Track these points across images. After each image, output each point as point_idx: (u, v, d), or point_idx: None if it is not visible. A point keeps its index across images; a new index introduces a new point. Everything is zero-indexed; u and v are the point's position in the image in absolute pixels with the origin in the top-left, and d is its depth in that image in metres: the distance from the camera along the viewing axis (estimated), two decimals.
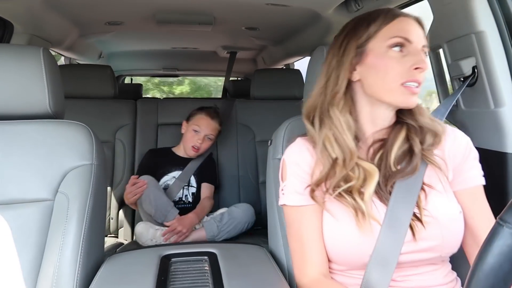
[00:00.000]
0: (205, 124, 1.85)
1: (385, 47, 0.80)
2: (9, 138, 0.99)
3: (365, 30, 0.82)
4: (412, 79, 0.78)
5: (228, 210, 1.76)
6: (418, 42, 0.80)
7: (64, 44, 2.29)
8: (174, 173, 1.86)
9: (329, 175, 0.81)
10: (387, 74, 0.79)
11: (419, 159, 0.82)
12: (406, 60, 0.79)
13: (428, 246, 0.79)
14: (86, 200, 0.95)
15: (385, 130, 0.87)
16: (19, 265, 0.90)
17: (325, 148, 0.82)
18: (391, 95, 0.80)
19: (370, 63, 0.82)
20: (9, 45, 1.64)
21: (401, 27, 0.80)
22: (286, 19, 2.05)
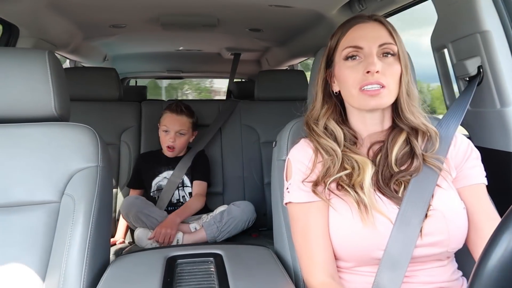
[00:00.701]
0: (171, 122, 1.83)
1: (342, 60, 0.86)
2: (16, 140, 0.99)
3: (329, 45, 0.91)
4: (366, 83, 0.82)
5: (228, 209, 1.74)
6: (370, 46, 0.83)
7: (69, 47, 2.30)
8: (164, 173, 1.86)
9: (327, 173, 0.85)
10: (347, 83, 0.85)
11: (421, 160, 0.85)
12: (361, 66, 0.83)
13: (434, 240, 0.80)
14: (92, 202, 0.96)
15: (383, 133, 0.90)
16: (27, 267, 0.90)
17: (319, 151, 0.88)
18: (355, 101, 0.86)
19: (336, 76, 0.89)
20: (15, 48, 1.65)
21: (353, 36, 0.85)
22: (290, 20, 2.05)
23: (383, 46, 0.84)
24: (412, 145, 0.87)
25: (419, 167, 0.84)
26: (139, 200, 1.69)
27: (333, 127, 0.90)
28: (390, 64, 0.84)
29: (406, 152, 0.87)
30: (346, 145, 0.88)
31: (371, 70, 0.81)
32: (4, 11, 1.59)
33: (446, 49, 1.23)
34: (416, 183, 0.83)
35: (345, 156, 0.86)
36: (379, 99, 0.82)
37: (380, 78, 0.81)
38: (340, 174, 0.84)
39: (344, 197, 0.83)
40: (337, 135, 0.88)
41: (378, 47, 0.83)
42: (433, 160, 0.84)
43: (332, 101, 0.92)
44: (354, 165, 0.84)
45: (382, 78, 0.81)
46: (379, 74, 0.81)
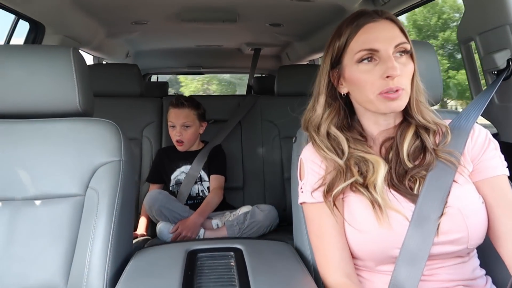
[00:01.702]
0: (174, 116, 1.84)
1: (354, 63, 0.81)
2: (42, 135, 1.02)
3: (336, 46, 0.85)
4: (387, 88, 0.78)
5: (251, 212, 1.73)
6: (386, 48, 0.79)
7: (93, 44, 2.35)
8: (182, 168, 1.88)
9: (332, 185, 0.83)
10: (362, 87, 0.81)
11: (434, 155, 0.82)
12: (378, 70, 0.79)
13: (453, 238, 0.78)
14: (115, 196, 0.97)
15: (393, 129, 0.88)
16: (53, 257, 0.93)
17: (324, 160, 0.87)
18: (372, 105, 0.82)
19: (347, 78, 0.84)
20: (41, 46, 1.70)
21: (366, 38, 0.80)
22: (311, 15, 2.03)
23: (398, 46, 0.79)
24: (422, 139, 0.84)
25: (432, 162, 0.82)
26: (162, 195, 1.71)
27: (335, 134, 0.87)
28: (405, 64, 0.81)
29: (417, 146, 0.85)
30: (356, 146, 0.85)
31: (392, 75, 0.77)
32: (31, 9, 1.63)
33: (473, 41, 1.19)
34: (433, 179, 0.80)
35: (356, 156, 0.84)
36: (399, 102, 0.79)
37: (399, 82, 0.78)
38: (345, 184, 0.82)
39: (359, 197, 0.82)
40: (340, 141, 0.86)
41: (394, 47, 0.79)
42: (445, 154, 0.82)
43: (336, 104, 0.88)
44: (368, 165, 0.82)
45: (401, 80, 0.79)
46: (398, 77, 0.78)
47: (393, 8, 1.64)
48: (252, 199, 1.98)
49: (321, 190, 0.85)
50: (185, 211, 1.71)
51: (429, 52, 1.07)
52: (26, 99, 1.02)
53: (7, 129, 1.02)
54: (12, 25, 1.75)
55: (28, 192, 0.98)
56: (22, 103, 1.02)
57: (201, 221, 1.70)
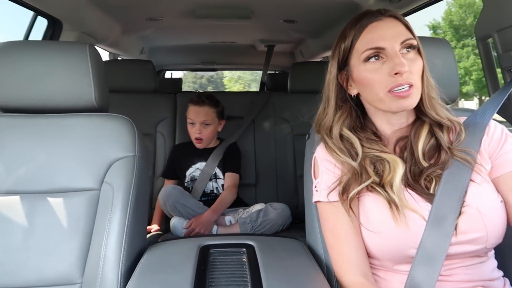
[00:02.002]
0: (194, 114, 1.84)
1: (361, 62, 0.81)
2: (59, 130, 1.04)
3: (342, 48, 0.85)
4: (396, 85, 0.78)
5: (264, 210, 1.73)
6: (392, 45, 0.78)
7: (109, 41, 2.38)
8: (197, 164, 1.89)
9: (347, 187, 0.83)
10: (372, 87, 0.81)
11: (449, 153, 0.81)
12: (385, 68, 0.79)
13: (471, 238, 0.77)
14: (130, 190, 0.99)
15: (406, 128, 0.87)
16: (69, 250, 0.95)
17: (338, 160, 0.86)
18: (383, 104, 0.81)
19: (356, 79, 0.84)
20: (58, 42, 1.73)
21: (371, 37, 0.80)
22: (325, 11, 2.01)
23: (404, 42, 0.79)
24: (437, 137, 0.83)
25: (447, 160, 0.81)
26: (176, 190, 1.73)
27: (347, 135, 0.86)
28: (413, 60, 0.80)
29: (432, 145, 0.84)
30: (369, 147, 0.85)
31: (400, 71, 0.76)
32: (49, 6, 1.66)
33: (492, 38, 1.16)
34: (449, 177, 0.79)
35: (373, 156, 0.83)
36: (410, 100, 0.79)
37: (409, 78, 0.78)
38: (361, 186, 0.81)
39: (375, 196, 0.82)
40: (353, 142, 0.85)
41: (400, 44, 0.79)
42: (461, 153, 0.80)
43: (347, 105, 0.88)
44: (385, 165, 0.82)
45: (410, 76, 0.78)
46: (407, 73, 0.77)
47: (407, 6, 1.61)
48: (265, 196, 1.98)
49: (336, 191, 0.84)
50: (199, 207, 1.72)
51: (446, 49, 1.05)
52: (43, 94, 1.04)
53: (24, 124, 1.04)
54: (31, 21, 1.78)
55: (45, 185, 1.00)
56: (39, 98, 1.04)
57: (215, 218, 1.71)
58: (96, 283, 0.91)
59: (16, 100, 1.04)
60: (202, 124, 1.84)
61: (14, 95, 1.04)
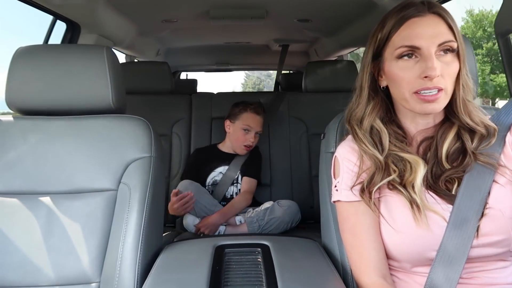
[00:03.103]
0: (254, 122, 1.83)
1: (394, 57, 0.79)
2: (77, 132, 1.06)
3: (378, 37, 0.82)
4: (423, 88, 0.75)
5: (271, 208, 1.72)
6: (428, 46, 0.75)
7: (125, 43, 2.41)
8: (220, 168, 1.88)
9: (371, 182, 0.82)
10: (399, 84, 0.79)
11: (473, 158, 0.79)
12: (417, 68, 0.76)
13: (494, 240, 0.75)
14: (146, 191, 1.00)
15: (433, 128, 0.85)
16: (88, 250, 0.97)
17: (364, 155, 0.85)
18: (407, 103, 0.80)
19: (386, 72, 0.82)
20: (76, 45, 1.77)
21: (408, 34, 0.76)
22: (340, 9, 1.99)
23: (442, 45, 0.75)
24: (463, 140, 0.80)
25: (470, 164, 0.78)
26: (193, 185, 1.73)
27: (379, 128, 0.84)
28: (449, 64, 0.76)
29: (457, 148, 0.81)
30: (395, 144, 0.83)
31: (430, 75, 0.73)
32: (68, 10, 1.70)
33: None
34: (470, 179, 0.77)
35: (395, 156, 0.82)
36: (436, 105, 0.76)
37: (439, 82, 0.74)
38: (383, 181, 0.80)
39: (396, 196, 0.80)
40: (382, 136, 0.83)
41: (437, 46, 0.75)
42: (485, 158, 0.78)
43: (378, 97, 0.86)
44: (406, 165, 0.80)
45: (441, 81, 0.75)
46: (438, 78, 0.74)
47: None
48: (279, 196, 1.97)
49: (357, 188, 0.83)
50: (213, 205, 1.72)
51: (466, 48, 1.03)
52: (62, 97, 1.06)
53: (43, 126, 1.07)
54: (50, 25, 1.83)
55: (64, 186, 1.02)
56: (58, 100, 1.07)
57: (222, 221, 1.71)
58: (114, 282, 0.93)
59: (36, 102, 1.07)
60: (257, 133, 1.85)
61: (34, 98, 1.06)
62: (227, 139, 1.93)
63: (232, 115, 1.88)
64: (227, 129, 1.90)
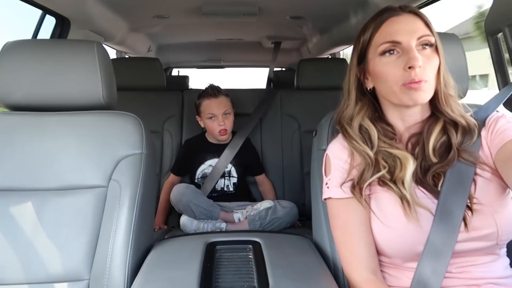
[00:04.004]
0: (214, 106, 1.82)
1: (377, 56, 0.83)
2: (67, 128, 1.05)
3: (361, 40, 0.87)
4: (410, 79, 0.78)
5: (273, 208, 1.72)
6: (408, 40, 0.79)
7: (116, 39, 2.39)
8: (210, 161, 1.88)
9: (362, 178, 0.84)
10: (386, 80, 0.82)
11: (456, 153, 0.81)
12: (400, 61, 0.80)
13: (482, 234, 0.77)
14: (137, 188, 0.99)
15: (420, 124, 0.87)
16: (78, 247, 0.96)
17: (354, 152, 0.87)
18: (396, 97, 0.82)
19: (371, 72, 0.86)
20: (66, 40, 1.74)
21: (388, 31, 0.81)
22: (332, 7, 2.00)
23: (421, 38, 0.80)
24: (449, 134, 0.83)
25: (454, 159, 0.81)
26: (189, 190, 1.72)
27: (367, 126, 0.87)
28: (429, 57, 0.80)
29: (443, 142, 0.84)
30: (384, 141, 0.85)
31: (413, 65, 0.77)
32: (57, 4, 1.67)
33: (502, 33, 1.15)
34: (453, 173, 0.80)
35: (384, 152, 0.84)
36: (421, 93, 0.79)
37: (421, 74, 0.78)
38: (373, 177, 0.82)
39: (387, 193, 0.82)
40: (371, 133, 0.86)
41: (417, 40, 0.80)
42: (466, 155, 0.80)
43: (366, 98, 0.90)
44: (396, 161, 0.82)
45: (423, 73, 0.78)
46: (420, 68, 0.78)
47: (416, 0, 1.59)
48: None
49: (348, 185, 0.85)
50: (211, 206, 1.71)
51: (455, 45, 1.04)
52: (51, 93, 1.05)
53: (33, 122, 1.05)
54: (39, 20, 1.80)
55: (54, 183, 1.01)
56: (47, 96, 1.05)
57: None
58: (104, 279, 0.92)
59: (24, 98, 1.05)
60: (223, 114, 1.83)
61: (23, 94, 1.05)
62: (208, 134, 1.94)
63: (197, 110, 1.90)
64: (200, 124, 1.92)
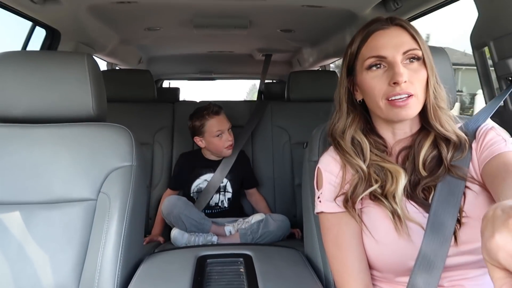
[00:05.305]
0: (220, 123, 1.83)
1: (364, 69, 0.83)
2: (56, 140, 1.04)
3: (349, 53, 0.87)
4: (394, 94, 0.78)
5: (264, 222, 1.71)
6: (393, 55, 0.79)
7: (107, 50, 2.39)
8: (205, 176, 1.87)
9: (354, 192, 0.83)
10: (371, 93, 0.82)
11: (446, 168, 0.81)
12: (385, 76, 0.80)
13: (473, 247, 0.77)
14: (127, 200, 0.98)
15: (410, 138, 0.87)
16: (65, 260, 0.94)
17: (347, 165, 0.86)
18: (381, 111, 0.82)
19: (359, 84, 0.86)
20: (56, 52, 1.73)
21: (374, 45, 0.82)
22: (322, 20, 2.03)
23: (407, 53, 0.80)
24: (439, 149, 0.83)
25: (444, 174, 0.80)
26: (181, 201, 1.70)
27: (360, 139, 0.87)
28: (416, 71, 0.80)
29: (434, 156, 0.83)
30: (376, 153, 0.85)
31: (398, 81, 0.77)
32: (48, 16, 1.67)
33: (487, 47, 1.17)
34: (444, 186, 0.79)
35: (376, 166, 0.83)
36: (408, 110, 0.79)
37: (408, 88, 0.78)
38: (366, 192, 0.82)
39: (378, 207, 0.81)
40: (363, 146, 0.86)
41: (402, 54, 0.79)
42: (456, 170, 0.80)
43: (357, 110, 0.90)
44: (387, 175, 0.82)
45: (410, 87, 0.78)
46: (406, 83, 0.78)
47: (405, 14, 1.63)
48: None
49: (340, 199, 0.84)
50: (203, 219, 1.70)
51: (443, 58, 1.06)
52: (41, 104, 1.04)
53: (22, 134, 1.04)
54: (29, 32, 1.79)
55: (42, 196, 0.99)
56: (37, 108, 1.04)
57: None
58: None
59: (14, 110, 1.04)
60: (228, 130, 1.85)
61: (12, 105, 1.04)
62: (206, 151, 1.91)
63: (198, 131, 1.85)
64: (200, 145, 1.88)
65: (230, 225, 1.76)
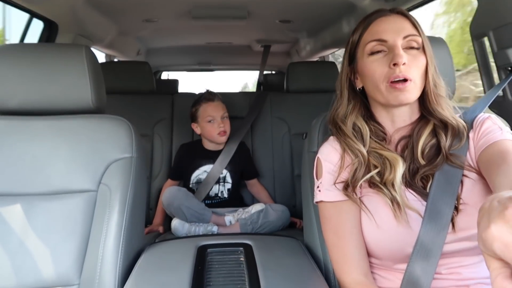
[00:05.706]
0: (213, 109, 1.84)
1: (366, 55, 0.85)
2: (56, 132, 1.04)
3: (351, 41, 0.89)
4: (394, 76, 0.80)
5: (264, 212, 1.73)
6: (394, 38, 0.81)
7: (105, 42, 2.38)
8: (205, 167, 1.88)
9: (354, 176, 0.84)
10: (372, 76, 0.84)
11: (444, 157, 0.82)
12: (386, 59, 0.82)
13: (471, 234, 0.78)
14: (127, 191, 0.99)
15: (409, 127, 0.88)
16: (67, 252, 0.95)
17: (347, 152, 0.87)
18: (382, 96, 0.83)
19: (360, 71, 0.88)
20: (54, 44, 1.73)
21: (376, 30, 0.84)
22: (321, 11, 2.02)
23: (407, 38, 0.82)
24: (438, 137, 0.84)
25: (442, 162, 0.81)
26: (181, 192, 1.71)
27: (360, 125, 0.88)
28: (415, 57, 0.82)
29: (433, 145, 0.85)
30: (375, 140, 0.86)
31: (398, 62, 0.79)
32: (45, 8, 1.66)
33: (487, 37, 1.17)
34: (441, 174, 0.80)
35: (375, 153, 0.84)
36: (407, 93, 0.80)
37: (406, 72, 0.79)
38: (366, 176, 0.83)
39: (377, 195, 0.82)
40: (363, 132, 0.87)
41: (403, 39, 0.81)
42: (454, 159, 0.81)
43: (357, 98, 0.91)
44: (386, 163, 0.83)
45: (408, 71, 0.80)
46: (405, 66, 0.79)
47: (404, 4, 1.62)
48: None
49: (340, 187, 0.85)
50: (203, 209, 1.71)
51: (442, 48, 1.06)
52: (40, 96, 1.04)
53: (21, 126, 1.04)
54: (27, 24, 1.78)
55: (42, 187, 1.00)
56: (36, 100, 1.04)
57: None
58: (94, 284, 0.91)
59: (13, 102, 1.04)
60: (222, 117, 1.86)
61: (11, 98, 1.04)
62: (203, 139, 1.93)
63: (193, 117, 1.90)
64: (197, 131, 1.91)
65: (230, 215, 1.77)
